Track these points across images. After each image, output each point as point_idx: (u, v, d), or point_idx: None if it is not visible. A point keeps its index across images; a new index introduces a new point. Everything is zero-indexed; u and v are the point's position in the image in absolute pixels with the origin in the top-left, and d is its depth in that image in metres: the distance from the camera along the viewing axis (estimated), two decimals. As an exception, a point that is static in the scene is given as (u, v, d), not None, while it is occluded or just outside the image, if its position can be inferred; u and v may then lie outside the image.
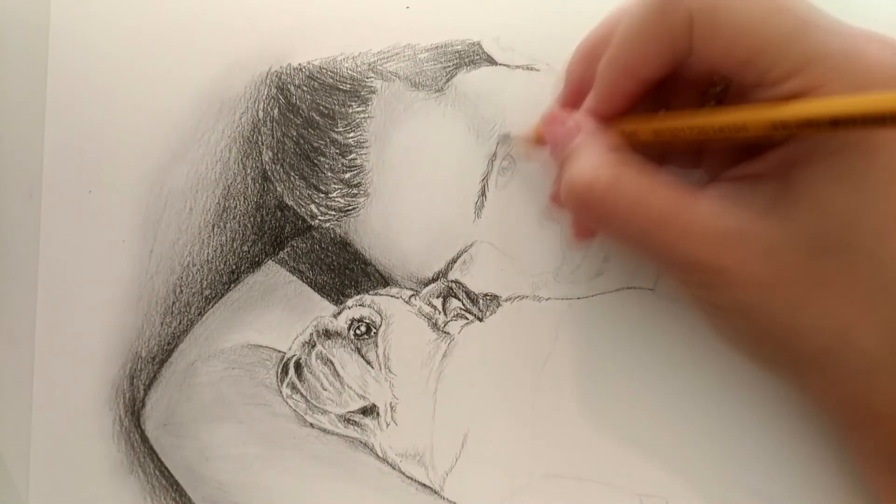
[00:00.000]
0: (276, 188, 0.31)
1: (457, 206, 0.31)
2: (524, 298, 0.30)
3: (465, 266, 0.31)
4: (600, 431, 0.29)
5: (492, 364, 0.30)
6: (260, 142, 0.32)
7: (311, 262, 0.31)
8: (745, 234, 0.22)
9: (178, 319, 0.31)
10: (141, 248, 0.32)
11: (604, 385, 0.30)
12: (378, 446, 0.30)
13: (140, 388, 0.31)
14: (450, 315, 0.31)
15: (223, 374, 0.31)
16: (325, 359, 0.31)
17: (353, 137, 0.31)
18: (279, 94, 0.32)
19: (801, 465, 0.28)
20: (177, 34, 0.32)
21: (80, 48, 0.33)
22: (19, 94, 0.33)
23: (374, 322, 0.31)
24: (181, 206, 0.32)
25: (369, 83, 0.31)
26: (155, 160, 0.32)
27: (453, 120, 0.31)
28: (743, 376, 0.29)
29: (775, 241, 0.22)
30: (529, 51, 0.31)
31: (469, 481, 0.30)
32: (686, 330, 0.29)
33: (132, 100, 0.32)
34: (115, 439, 0.31)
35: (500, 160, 0.31)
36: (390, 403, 0.30)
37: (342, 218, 0.31)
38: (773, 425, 0.29)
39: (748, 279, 0.22)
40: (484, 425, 0.30)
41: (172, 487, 0.31)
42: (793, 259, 0.22)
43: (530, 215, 0.30)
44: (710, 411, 0.29)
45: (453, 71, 0.31)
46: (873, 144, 0.21)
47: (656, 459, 0.29)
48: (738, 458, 0.29)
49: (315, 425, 0.31)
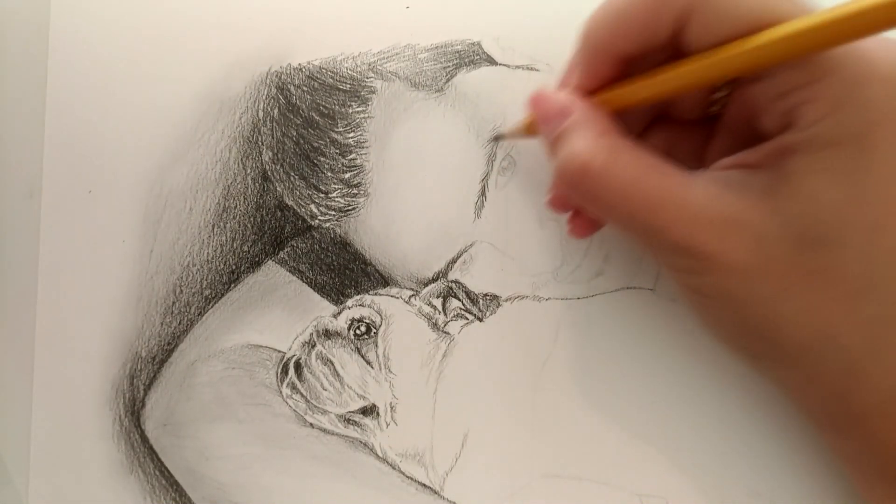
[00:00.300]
0: (276, 188, 0.31)
1: (457, 206, 0.31)
2: (524, 298, 0.30)
3: (465, 266, 0.31)
4: (600, 431, 0.29)
5: (492, 364, 0.30)
6: (260, 142, 0.32)
7: (311, 262, 0.31)
8: (737, 222, 0.22)
9: (178, 319, 0.31)
10: (141, 248, 0.32)
11: (604, 385, 0.30)
12: (378, 446, 0.30)
13: (140, 388, 0.31)
14: (450, 315, 0.31)
15: (223, 374, 0.31)
16: (325, 359, 0.31)
17: (353, 137, 0.31)
18: (279, 94, 0.32)
19: (801, 465, 0.28)
20: (177, 34, 0.32)
21: (80, 48, 0.33)
22: (19, 94, 0.33)
23: (374, 322, 0.31)
24: (181, 206, 0.32)
25: (369, 83, 0.31)
26: (155, 160, 0.32)
27: (453, 120, 0.31)
28: (743, 376, 0.29)
29: (766, 230, 0.22)
30: (529, 51, 0.31)
31: (469, 481, 0.30)
32: (686, 330, 0.29)
33: (132, 100, 0.32)
34: (115, 439, 0.31)
35: (500, 160, 0.31)
36: (390, 403, 0.30)
37: (342, 218, 0.31)
38: (773, 425, 0.29)
39: (736, 267, 0.22)
40: (484, 425, 0.30)
41: (172, 487, 0.31)
42: (782, 250, 0.22)
43: (530, 215, 0.30)
44: (710, 411, 0.29)
45: (453, 71, 0.31)
46: (871, 140, 0.21)
47: (656, 459, 0.29)
48: (738, 458, 0.29)
49: (315, 425, 0.31)
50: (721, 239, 0.22)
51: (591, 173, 0.23)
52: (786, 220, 0.22)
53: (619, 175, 0.23)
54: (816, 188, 0.21)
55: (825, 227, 0.22)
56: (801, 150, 0.22)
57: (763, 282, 0.22)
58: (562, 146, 0.24)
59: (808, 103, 0.21)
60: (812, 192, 0.21)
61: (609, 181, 0.23)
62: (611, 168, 0.23)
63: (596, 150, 0.23)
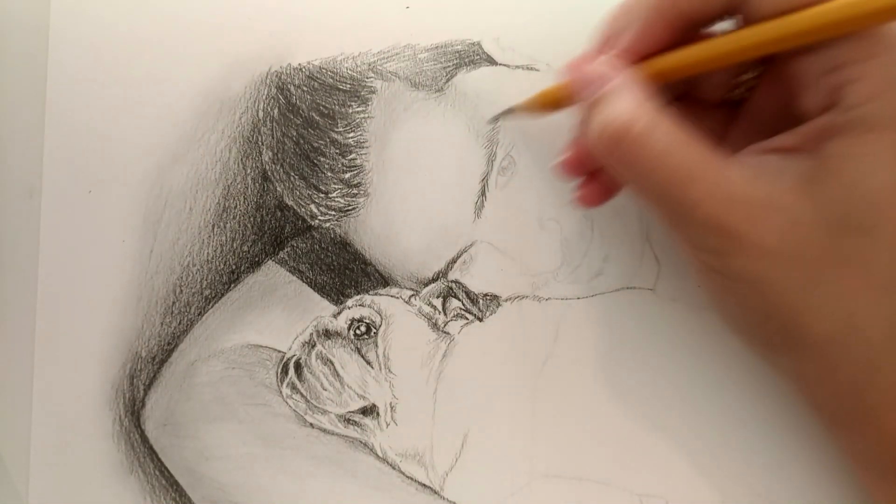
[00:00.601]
0: (276, 188, 0.31)
1: (457, 206, 0.31)
2: (524, 298, 0.30)
3: (465, 266, 0.31)
4: (600, 431, 0.29)
5: (492, 364, 0.30)
6: (260, 142, 0.32)
7: (311, 262, 0.31)
8: (773, 205, 0.22)
9: (178, 319, 0.31)
10: (141, 248, 0.32)
11: (603, 385, 0.30)
12: (378, 446, 0.30)
13: (140, 388, 0.31)
14: (450, 315, 0.31)
15: (223, 374, 0.31)
16: (325, 359, 0.31)
17: (353, 137, 0.31)
18: (279, 94, 0.32)
19: (801, 465, 0.28)
20: (177, 34, 0.32)
21: (80, 48, 0.33)
22: (19, 94, 0.33)
23: (374, 322, 0.31)
24: (181, 206, 0.32)
25: (369, 83, 0.31)
26: (155, 160, 0.32)
27: (453, 120, 0.31)
28: (743, 376, 0.29)
29: (802, 214, 0.21)
30: (529, 51, 0.31)
31: (469, 481, 0.30)
32: (686, 330, 0.29)
33: (132, 100, 0.32)
34: (115, 439, 0.31)
35: (500, 160, 0.31)
36: (390, 403, 0.30)
37: (342, 218, 0.31)
38: (773, 425, 0.29)
39: (767, 250, 0.22)
40: (484, 425, 0.30)
41: (172, 487, 0.31)
42: (816, 235, 0.21)
43: (530, 215, 0.30)
44: (710, 411, 0.29)
45: (453, 71, 0.31)
46: None
47: (656, 459, 0.29)
48: (739, 459, 0.29)
49: (315, 425, 0.31)
50: (754, 220, 0.22)
51: (631, 136, 0.23)
52: (824, 204, 0.21)
53: (659, 141, 0.22)
54: (859, 173, 0.21)
55: (864, 215, 0.21)
56: (844, 132, 0.21)
57: (793, 267, 0.22)
58: (602, 109, 0.23)
59: (857, 81, 0.21)
60: (854, 178, 0.21)
61: (649, 147, 0.22)
62: (652, 133, 0.22)
63: (639, 113, 0.23)
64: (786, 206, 0.22)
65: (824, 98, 0.22)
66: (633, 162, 0.23)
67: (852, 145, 0.21)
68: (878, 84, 0.20)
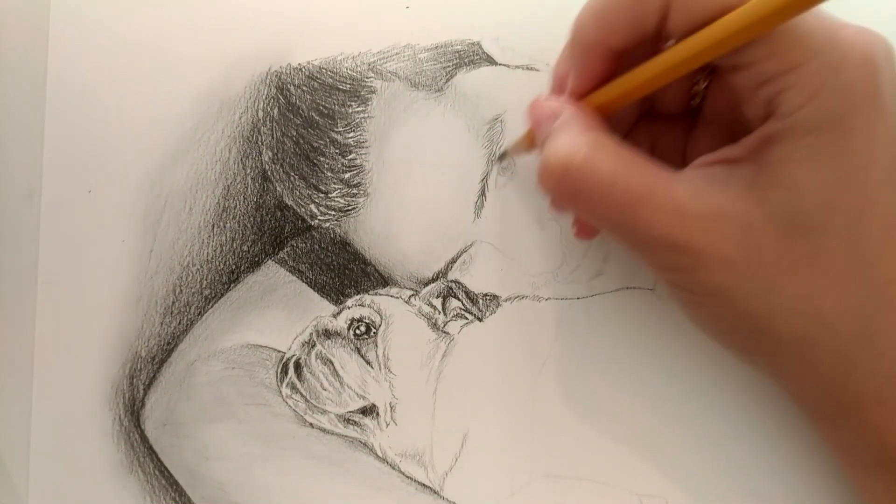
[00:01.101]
0: (276, 188, 0.32)
1: (457, 206, 0.31)
2: (524, 298, 0.30)
3: (464, 266, 0.31)
4: (600, 431, 0.29)
5: (492, 364, 0.30)
6: (260, 142, 0.32)
7: (311, 262, 0.31)
8: (722, 215, 0.22)
9: (178, 319, 0.31)
10: (141, 248, 0.32)
11: (603, 385, 0.30)
12: (378, 446, 0.30)
13: (140, 388, 0.31)
14: (449, 315, 0.31)
15: (223, 374, 0.31)
16: (324, 359, 0.31)
17: (353, 137, 0.31)
18: (279, 94, 0.32)
19: (800, 464, 0.28)
20: (177, 34, 0.32)
21: (79, 48, 0.33)
22: (19, 94, 0.33)
23: (373, 322, 0.31)
24: (181, 206, 0.32)
25: (369, 83, 0.31)
26: (155, 160, 0.32)
27: (453, 120, 0.31)
28: (743, 376, 0.29)
29: (751, 221, 0.22)
30: (529, 51, 0.31)
31: (469, 481, 0.30)
32: (686, 330, 0.29)
33: (132, 99, 0.32)
34: (115, 439, 0.31)
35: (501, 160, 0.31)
36: (390, 403, 0.30)
37: (342, 218, 0.31)
38: (772, 425, 0.29)
39: (724, 261, 0.22)
40: (484, 425, 0.30)
41: (172, 487, 0.31)
42: (768, 240, 0.22)
43: (530, 215, 0.30)
44: (709, 411, 0.29)
45: (453, 71, 0.31)
46: (850, 124, 0.21)
47: (656, 459, 0.29)
48: (738, 459, 0.29)
49: (315, 425, 0.31)
50: (707, 233, 0.22)
51: (572, 169, 0.23)
52: (771, 209, 0.22)
53: (602, 169, 0.23)
54: (799, 175, 0.21)
55: (810, 214, 0.22)
56: (782, 138, 0.22)
57: (752, 274, 0.22)
58: (546, 147, 0.24)
59: (790, 90, 0.21)
60: (795, 180, 0.21)
61: (591, 175, 0.23)
62: (592, 163, 0.23)
63: (577, 145, 0.23)
64: (736, 215, 0.22)
65: (763, 108, 0.22)
66: (579, 193, 0.23)
67: (791, 150, 0.21)
68: (808, 90, 0.21)
